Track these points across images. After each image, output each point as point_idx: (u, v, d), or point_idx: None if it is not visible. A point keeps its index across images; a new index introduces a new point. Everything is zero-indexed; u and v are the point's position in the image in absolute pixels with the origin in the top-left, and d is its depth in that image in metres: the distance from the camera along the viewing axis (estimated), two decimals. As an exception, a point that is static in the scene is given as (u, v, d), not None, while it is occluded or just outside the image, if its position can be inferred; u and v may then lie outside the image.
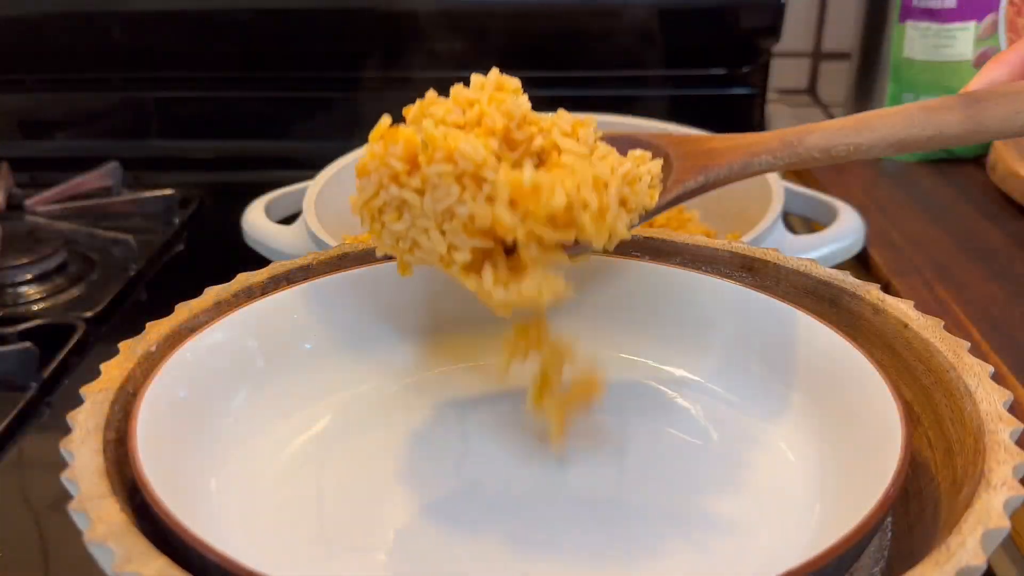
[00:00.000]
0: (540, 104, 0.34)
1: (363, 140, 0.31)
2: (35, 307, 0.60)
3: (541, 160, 0.34)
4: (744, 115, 0.85)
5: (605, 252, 0.34)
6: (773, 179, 0.59)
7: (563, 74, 0.84)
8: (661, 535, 0.33)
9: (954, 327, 0.38)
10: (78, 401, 0.33)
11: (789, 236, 0.57)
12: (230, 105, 0.87)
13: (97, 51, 0.84)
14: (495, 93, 0.34)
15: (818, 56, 0.93)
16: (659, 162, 0.35)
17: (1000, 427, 0.31)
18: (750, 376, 0.40)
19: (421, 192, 0.33)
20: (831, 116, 0.89)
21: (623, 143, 0.37)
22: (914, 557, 0.28)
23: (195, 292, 0.40)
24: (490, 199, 0.31)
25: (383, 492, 0.36)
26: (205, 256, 0.71)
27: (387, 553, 0.33)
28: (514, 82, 0.35)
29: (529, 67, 0.85)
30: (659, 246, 0.43)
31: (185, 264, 0.69)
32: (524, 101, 0.34)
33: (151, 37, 0.83)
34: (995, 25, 0.71)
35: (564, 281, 0.33)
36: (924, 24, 0.71)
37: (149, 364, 0.36)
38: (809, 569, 0.27)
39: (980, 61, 0.71)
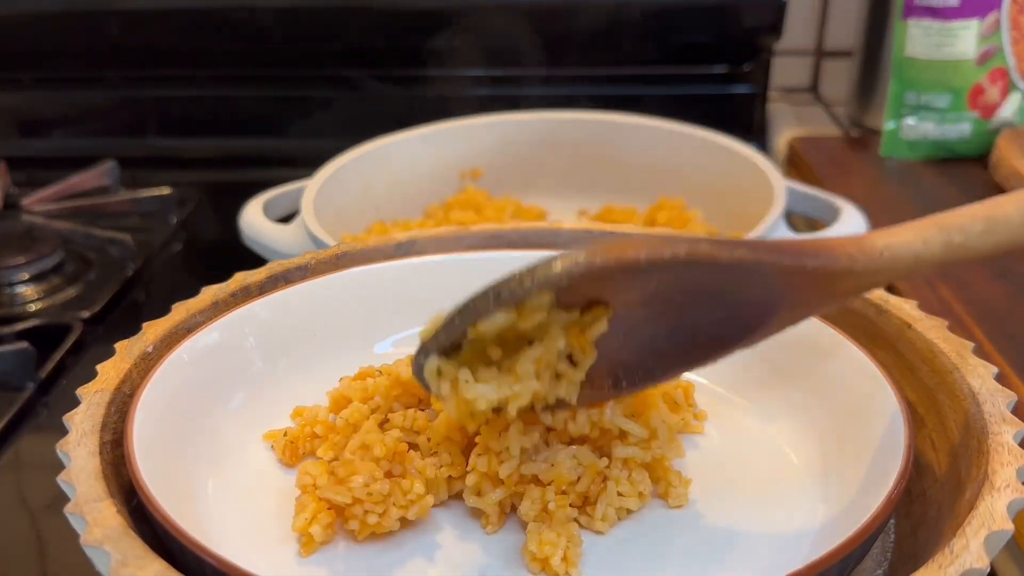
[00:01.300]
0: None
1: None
2: (32, 307, 0.60)
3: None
4: (745, 114, 0.84)
5: None
6: (775, 178, 0.59)
7: (564, 72, 0.84)
8: (661, 537, 0.33)
9: (957, 327, 0.38)
10: (75, 402, 0.33)
11: (792, 235, 0.57)
12: (228, 104, 0.86)
13: (94, 49, 0.84)
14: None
15: (820, 54, 0.92)
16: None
17: (1004, 429, 0.31)
18: (752, 377, 0.40)
19: None
20: (833, 115, 0.89)
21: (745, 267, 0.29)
22: (917, 559, 0.28)
23: (192, 292, 0.40)
24: None
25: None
26: (203, 256, 0.71)
27: (386, 555, 0.32)
28: None
29: (529, 65, 0.85)
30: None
31: (182, 264, 0.69)
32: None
33: (148, 35, 0.83)
34: (998, 23, 0.70)
35: None
36: (926, 22, 0.70)
37: (146, 365, 0.36)
38: (812, 572, 0.27)
39: (983, 59, 0.71)
